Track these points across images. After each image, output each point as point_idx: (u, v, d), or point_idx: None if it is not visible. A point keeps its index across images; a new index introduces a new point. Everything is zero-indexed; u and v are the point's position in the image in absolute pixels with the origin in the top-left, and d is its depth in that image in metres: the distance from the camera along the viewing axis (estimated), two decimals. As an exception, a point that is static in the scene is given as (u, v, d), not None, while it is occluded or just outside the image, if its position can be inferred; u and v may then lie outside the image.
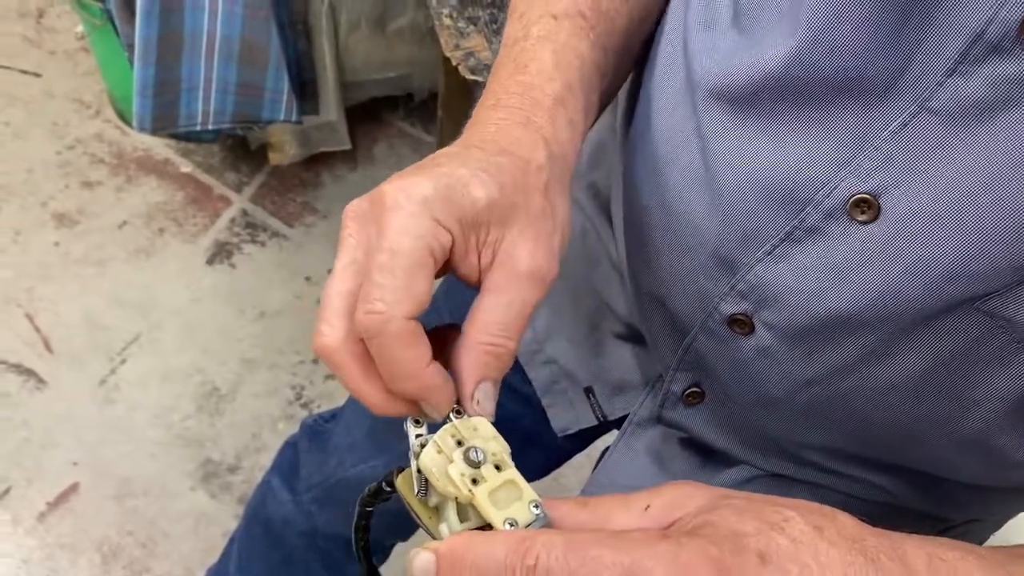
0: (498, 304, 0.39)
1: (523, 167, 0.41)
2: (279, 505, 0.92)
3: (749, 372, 0.50)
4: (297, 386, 1.53)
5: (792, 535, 0.30)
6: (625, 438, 0.65)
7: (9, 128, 1.75)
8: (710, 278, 0.49)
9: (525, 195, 0.40)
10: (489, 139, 0.42)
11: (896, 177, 0.39)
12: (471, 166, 0.39)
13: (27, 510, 1.36)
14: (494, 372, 0.39)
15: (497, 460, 0.36)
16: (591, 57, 0.48)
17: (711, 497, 0.33)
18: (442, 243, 0.37)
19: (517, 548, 0.30)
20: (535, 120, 0.43)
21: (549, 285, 0.40)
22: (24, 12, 1.92)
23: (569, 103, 0.45)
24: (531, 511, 0.34)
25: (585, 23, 0.49)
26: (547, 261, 0.40)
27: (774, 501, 0.32)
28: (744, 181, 0.45)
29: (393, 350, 0.36)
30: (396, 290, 0.36)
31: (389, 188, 0.38)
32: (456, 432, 0.37)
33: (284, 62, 1.38)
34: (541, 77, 0.45)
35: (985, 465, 0.49)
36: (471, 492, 0.35)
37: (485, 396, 0.39)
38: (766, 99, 0.43)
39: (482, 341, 0.38)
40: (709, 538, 0.29)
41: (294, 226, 1.70)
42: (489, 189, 0.39)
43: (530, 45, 0.47)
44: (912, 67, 0.38)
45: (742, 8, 0.45)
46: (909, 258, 0.40)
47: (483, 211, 0.38)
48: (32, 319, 1.53)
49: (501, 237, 0.39)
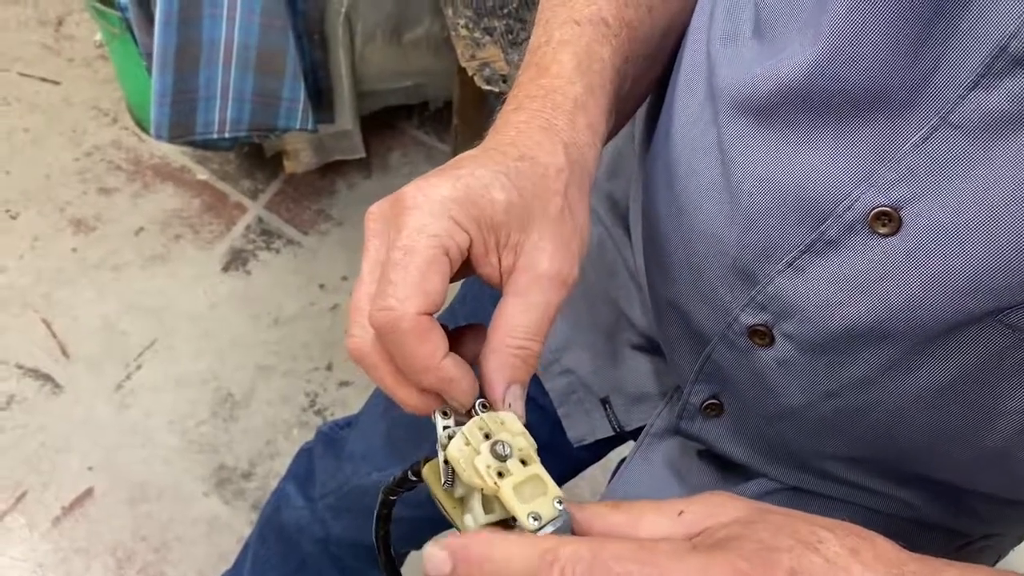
0: (522, 307, 0.39)
1: (542, 171, 0.41)
2: (294, 512, 0.93)
3: (769, 384, 0.50)
4: (311, 393, 1.53)
5: (827, 555, 0.29)
6: (642, 449, 0.65)
7: (28, 135, 1.76)
8: (729, 289, 0.49)
9: (544, 199, 0.41)
10: (509, 143, 0.42)
11: (918, 190, 0.39)
12: (491, 169, 0.40)
13: (42, 514, 1.36)
14: (521, 374, 0.39)
15: (523, 455, 0.36)
16: (613, 63, 0.48)
17: (748, 510, 0.32)
18: (458, 243, 0.38)
19: (541, 559, 0.29)
20: (555, 123, 0.44)
21: (571, 288, 0.41)
22: (44, 20, 1.94)
23: (590, 106, 0.45)
24: (555, 507, 0.34)
25: (608, 30, 0.49)
26: (568, 264, 0.40)
27: (811, 519, 0.31)
28: (765, 193, 0.45)
29: (407, 345, 0.36)
30: (408, 287, 0.36)
31: (409, 189, 0.39)
32: (484, 425, 0.37)
33: (300, 71, 1.39)
34: (561, 80, 0.46)
35: (1007, 478, 0.49)
36: (496, 484, 0.35)
37: (515, 398, 0.39)
38: (787, 111, 0.43)
39: (509, 344, 0.38)
40: (739, 551, 0.29)
41: (309, 233, 1.71)
42: (508, 192, 0.39)
43: (551, 50, 0.48)
44: (934, 80, 0.38)
45: (764, 20, 0.45)
46: (930, 271, 0.40)
47: (502, 213, 0.39)
48: (49, 324, 1.54)
49: (522, 240, 0.40)
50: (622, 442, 0.72)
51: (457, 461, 0.36)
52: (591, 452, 0.73)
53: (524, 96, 0.46)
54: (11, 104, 1.80)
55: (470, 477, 0.36)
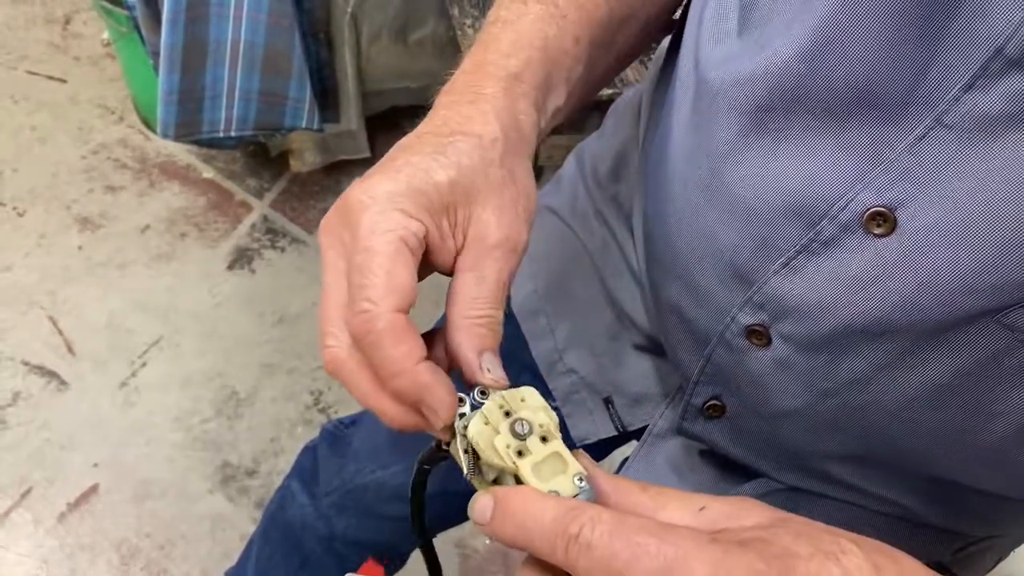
0: (475, 280, 0.39)
1: (477, 143, 0.41)
2: (298, 509, 0.93)
3: (767, 384, 0.50)
4: (315, 391, 1.54)
5: (847, 568, 0.29)
6: (645, 449, 0.66)
7: (35, 133, 1.77)
8: (727, 290, 0.49)
9: (484, 169, 0.41)
10: (440, 123, 0.43)
11: (912, 191, 0.39)
12: (426, 153, 0.40)
13: (48, 511, 1.37)
14: (490, 342, 0.39)
15: (544, 432, 0.36)
16: (558, 42, 0.49)
17: (771, 516, 0.32)
18: (414, 232, 0.38)
19: (564, 516, 0.30)
20: (485, 93, 0.44)
21: (521, 253, 0.41)
22: (51, 19, 1.95)
23: (525, 77, 0.46)
24: (575, 484, 0.34)
25: (556, 10, 0.49)
26: (515, 229, 0.41)
27: (834, 531, 0.31)
28: (760, 194, 0.45)
29: (383, 347, 0.36)
30: (378, 287, 0.36)
31: (352, 192, 0.39)
32: (504, 403, 0.37)
33: (306, 71, 1.39)
34: (497, 55, 0.46)
35: (1005, 478, 0.49)
36: (515, 464, 0.35)
37: (491, 364, 0.39)
38: (780, 112, 0.43)
39: (469, 316, 0.39)
40: (759, 553, 0.29)
41: (314, 232, 1.72)
42: (448, 170, 0.40)
43: (496, 29, 0.48)
44: (927, 81, 0.38)
45: (751, 20, 0.45)
46: (925, 271, 0.40)
47: (447, 193, 0.39)
48: (55, 322, 1.55)
49: (468, 216, 0.40)
50: (624, 442, 0.73)
51: (477, 442, 0.36)
52: (593, 452, 0.73)
53: (459, 73, 0.46)
54: (18, 102, 1.81)
55: (489, 457, 0.36)
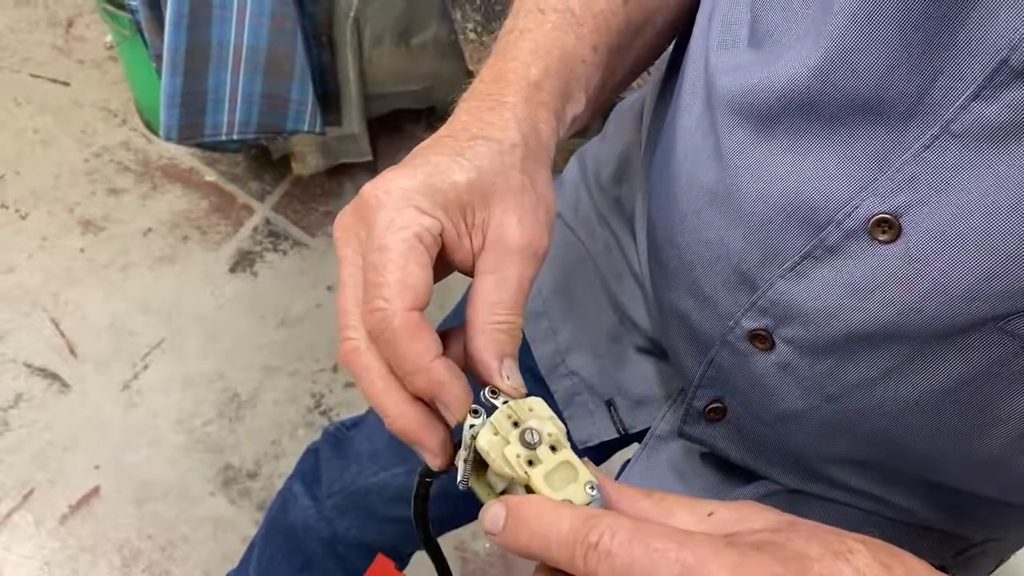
0: (496, 284, 0.39)
1: (497, 148, 0.42)
2: (300, 511, 0.93)
3: (770, 387, 0.50)
4: (317, 394, 1.54)
5: (857, 567, 0.29)
6: (646, 451, 0.66)
7: (38, 135, 1.78)
8: (731, 294, 0.50)
9: (503, 174, 0.41)
10: (460, 127, 0.43)
11: (918, 198, 0.39)
12: (446, 154, 0.40)
13: (49, 512, 1.37)
14: (510, 347, 0.39)
15: (553, 441, 0.36)
16: (576, 51, 0.49)
17: (777, 520, 0.33)
18: (430, 229, 0.38)
19: (583, 525, 0.30)
20: (505, 100, 0.44)
21: (542, 258, 0.41)
22: (54, 22, 1.96)
23: (545, 86, 0.46)
24: (587, 492, 0.34)
25: (573, 19, 0.50)
26: (535, 234, 0.41)
27: (840, 532, 0.31)
28: (765, 200, 0.45)
29: (399, 344, 0.36)
30: (392, 284, 0.36)
31: (369, 189, 0.39)
32: (512, 413, 0.37)
33: (309, 74, 1.40)
34: (516, 63, 0.46)
35: (1006, 482, 0.49)
36: (527, 474, 0.35)
37: (511, 370, 0.39)
38: (788, 119, 0.43)
39: (491, 321, 0.39)
40: (773, 555, 0.29)
41: (316, 235, 1.72)
42: (467, 172, 0.40)
43: (514, 38, 0.48)
44: (934, 90, 0.38)
45: (763, 28, 0.45)
46: (930, 278, 0.40)
47: (464, 192, 0.40)
48: (57, 324, 1.55)
49: (487, 218, 0.40)
50: (626, 444, 0.73)
51: (487, 452, 0.36)
52: (595, 454, 0.74)
53: (479, 81, 0.47)
54: (21, 105, 1.82)
55: (500, 467, 0.36)
